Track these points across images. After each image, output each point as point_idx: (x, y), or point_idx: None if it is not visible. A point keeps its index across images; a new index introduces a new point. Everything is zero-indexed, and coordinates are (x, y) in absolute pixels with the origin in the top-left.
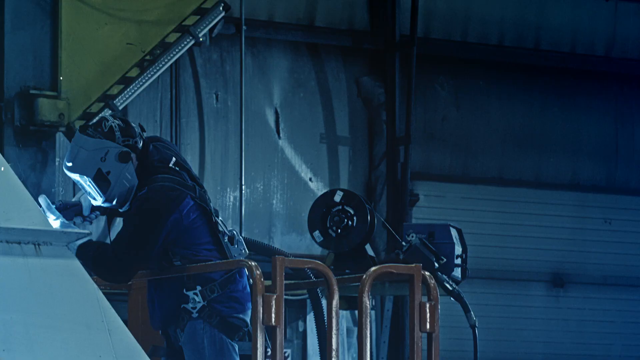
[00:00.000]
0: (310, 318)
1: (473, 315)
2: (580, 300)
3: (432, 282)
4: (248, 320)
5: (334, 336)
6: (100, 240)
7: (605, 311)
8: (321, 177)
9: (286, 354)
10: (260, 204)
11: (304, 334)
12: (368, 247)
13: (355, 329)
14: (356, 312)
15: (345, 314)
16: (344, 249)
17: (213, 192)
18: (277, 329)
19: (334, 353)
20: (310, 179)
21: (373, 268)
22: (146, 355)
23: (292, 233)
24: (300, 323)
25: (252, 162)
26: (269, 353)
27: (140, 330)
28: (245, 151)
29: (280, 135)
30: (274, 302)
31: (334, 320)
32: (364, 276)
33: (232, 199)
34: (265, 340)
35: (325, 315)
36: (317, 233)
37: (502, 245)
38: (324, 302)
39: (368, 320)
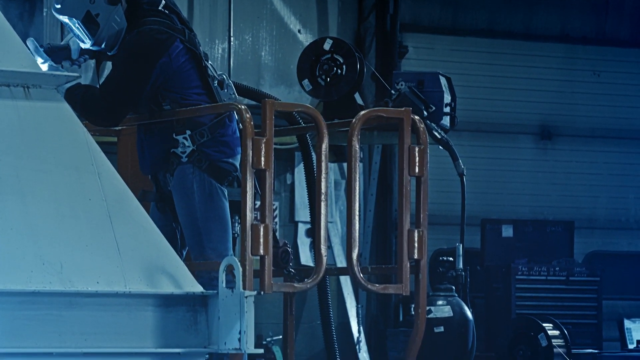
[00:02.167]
0: (299, 170)
1: (461, 163)
2: (568, 152)
3: (422, 126)
4: (237, 164)
5: (323, 180)
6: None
7: (592, 163)
8: (310, 29)
9: (274, 207)
10: (249, 55)
11: (292, 186)
12: (357, 97)
13: (343, 182)
14: (344, 164)
15: (333, 166)
16: (333, 97)
17: (201, 43)
18: (267, 172)
19: (323, 197)
20: (299, 31)
21: (363, 112)
22: (135, 199)
23: (280, 85)
24: (289, 175)
25: (240, 13)
26: (258, 205)
27: (129, 175)
28: (234, 2)
29: None
30: (263, 145)
31: (323, 164)
32: (354, 120)
33: (220, 50)
34: (255, 187)
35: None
36: (306, 82)
37: (491, 97)
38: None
39: (357, 165)
